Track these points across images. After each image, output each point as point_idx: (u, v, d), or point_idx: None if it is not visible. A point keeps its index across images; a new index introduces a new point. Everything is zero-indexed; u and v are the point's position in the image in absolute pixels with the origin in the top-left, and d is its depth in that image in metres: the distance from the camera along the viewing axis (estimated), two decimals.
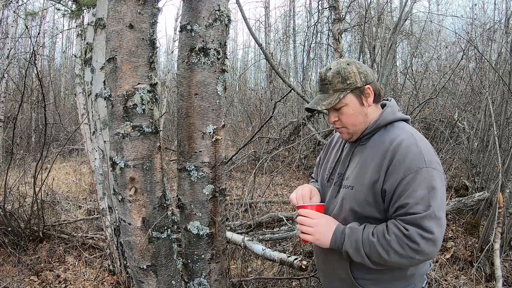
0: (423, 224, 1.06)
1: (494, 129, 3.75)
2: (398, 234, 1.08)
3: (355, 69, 1.22)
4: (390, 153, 1.14)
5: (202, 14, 1.52)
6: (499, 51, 5.01)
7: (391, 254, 1.08)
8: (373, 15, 6.40)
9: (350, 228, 1.16)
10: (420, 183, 1.09)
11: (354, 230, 1.15)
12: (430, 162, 1.12)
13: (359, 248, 1.12)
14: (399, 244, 1.07)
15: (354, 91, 1.22)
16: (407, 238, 1.06)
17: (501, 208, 2.82)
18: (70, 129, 9.57)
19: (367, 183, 1.17)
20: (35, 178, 3.74)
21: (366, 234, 1.12)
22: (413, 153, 1.12)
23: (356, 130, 1.26)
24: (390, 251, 1.08)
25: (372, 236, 1.11)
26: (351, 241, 1.14)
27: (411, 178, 1.09)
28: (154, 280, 1.54)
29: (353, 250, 1.13)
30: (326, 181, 1.37)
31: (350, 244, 1.13)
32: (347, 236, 1.14)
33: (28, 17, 6.17)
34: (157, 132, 1.48)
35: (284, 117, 8.67)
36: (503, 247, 3.06)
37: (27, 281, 3.00)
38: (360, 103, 1.23)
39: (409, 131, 1.20)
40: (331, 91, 1.23)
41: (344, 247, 1.15)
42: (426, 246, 1.06)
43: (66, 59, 15.87)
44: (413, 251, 1.07)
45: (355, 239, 1.13)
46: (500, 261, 2.73)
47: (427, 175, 1.09)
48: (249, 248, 2.67)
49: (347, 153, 1.32)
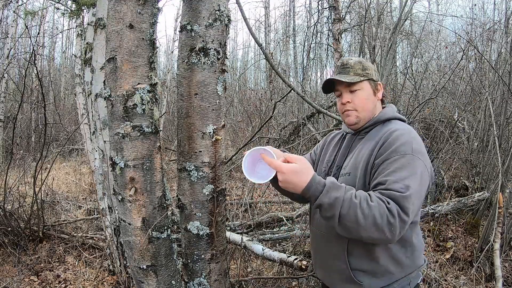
0: (403, 203, 1.06)
1: (494, 129, 3.75)
2: (380, 203, 1.06)
3: (372, 66, 1.38)
4: (383, 138, 1.23)
5: (202, 14, 1.52)
6: (499, 51, 5.01)
7: (368, 219, 1.04)
8: (373, 15, 6.40)
9: (332, 182, 1.10)
10: (403, 165, 1.14)
11: (336, 186, 1.09)
12: (417, 152, 1.17)
13: (335, 205, 1.06)
14: (379, 212, 1.04)
15: (370, 81, 1.35)
16: (388, 210, 1.05)
17: (501, 208, 2.82)
18: (70, 129, 9.55)
19: (361, 166, 1.24)
20: (35, 178, 3.73)
21: (348, 194, 1.08)
22: (403, 140, 1.19)
23: (364, 116, 1.34)
24: (369, 217, 1.04)
25: (355, 198, 1.07)
26: (329, 196, 1.07)
27: (394, 159, 1.15)
28: (154, 280, 1.54)
29: (328, 205, 1.07)
30: (324, 175, 1.40)
31: (328, 199, 1.07)
32: (326, 190, 1.08)
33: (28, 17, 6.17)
34: (157, 132, 1.48)
35: (284, 117, 8.66)
36: (503, 247, 3.06)
37: (27, 281, 3.00)
38: (374, 93, 1.36)
39: (406, 126, 1.29)
40: (352, 73, 1.33)
41: (320, 199, 1.08)
42: (399, 225, 1.05)
43: (66, 59, 15.87)
44: (389, 224, 1.05)
45: (335, 195, 1.07)
46: (500, 261, 2.73)
47: (411, 161, 1.15)
48: (249, 248, 2.67)
49: (345, 147, 1.39)
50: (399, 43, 9.16)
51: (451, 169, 5.06)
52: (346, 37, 9.96)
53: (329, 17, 8.12)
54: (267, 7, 15.73)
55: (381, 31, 5.65)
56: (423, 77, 6.39)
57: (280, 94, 8.33)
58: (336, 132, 1.53)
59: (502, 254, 3.00)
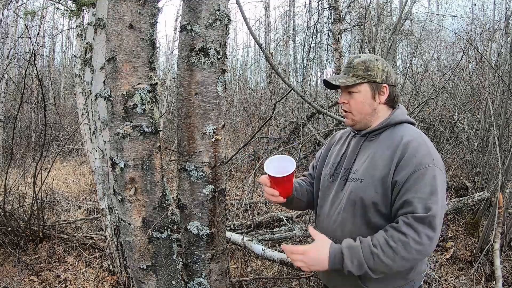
0: (430, 223, 1.10)
1: (494, 129, 3.74)
2: (403, 239, 1.11)
3: (381, 66, 1.30)
4: (401, 148, 1.20)
5: (202, 14, 1.52)
6: (499, 51, 5.00)
7: (397, 261, 1.11)
8: (373, 15, 6.39)
9: (347, 248, 1.15)
10: (427, 180, 1.14)
11: (352, 249, 1.15)
12: (437, 162, 1.19)
13: (361, 265, 1.13)
14: (404, 249, 1.10)
15: (371, 84, 1.29)
16: (413, 240, 1.10)
17: (501, 208, 2.82)
18: (70, 129, 9.55)
19: (378, 175, 1.21)
20: (35, 178, 3.73)
21: (367, 248, 1.13)
22: (423, 150, 1.18)
23: (360, 119, 1.31)
24: (396, 258, 1.11)
25: (375, 248, 1.12)
26: (351, 260, 1.14)
27: (420, 173, 1.15)
28: (154, 280, 1.54)
29: (355, 268, 1.14)
30: (329, 175, 1.38)
31: (351, 264, 1.14)
32: (346, 257, 1.14)
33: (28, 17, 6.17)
34: (157, 132, 1.48)
35: (284, 117, 8.65)
36: (503, 247, 3.06)
37: (27, 281, 3.00)
38: (372, 97, 1.30)
39: (417, 131, 1.28)
40: (351, 74, 1.30)
41: (345, 268, 1.14)
42: (428, 245, 1.11)
43: (66, 59, 15.86)
44: (418, 252, 1.11)
45: (356, 258, 1.13)
46: (500, 261, 2.73)
47: (434, 173, 1.16)
48: (249, 248, 2.67)
49: (353, 149, 1.35)
50: (399, 43, 9.16)
51: (451, 169, 5.06)
52: (346, 37, 9.96)
53: (329, 17, 8.13)
54: (267, 7, 15.72)
55: (381, 31, 5.65)
56: (423, 77, 6.38)
57: (280, 94, 8.33)
58: (343, 131, 1.49)
59: (502, 254, 3.00)
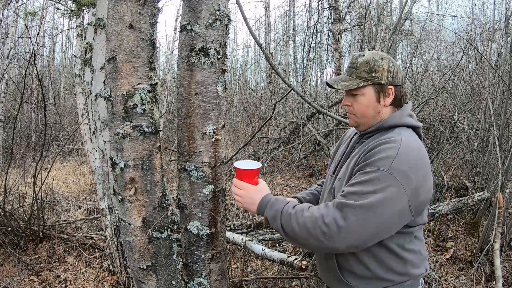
0: (345, 211, 1.08)
1: (494, 129, 3.74)
2: (315, 212, 1.12)
3: (386, 66, 1.22)
4: (371, 147, 1.17)
5: (202, 14, 1.52)
6: (499, 51, 5.00)
7: (302, 229, 1.12)
8: (373, 15, 6.39)
9: (276, 198, 1.24)
10: (369, 180, 1.08)
11: (278, 201, 1.23)
12: (397, 171, 1.06)
13: (276, 217, 1.19)
14: (311, 221, 1.11)
15: (375, 86, 1.23)
16: (322, 218, 1.09)
17: (501, 208, 2.82)
18: (70, 129, 9.55)
19: (349, 173, 1.22)
20: (35, 178, 3.73)
21: (288, 207, 1.19)
22: (385, 155, 1.10)
23: (364, 121, 1.27)
24: (302, 226, 1.12)
25: (293, 209, 1.17)
26: (272, 210, 1.21)
27: (366, 172, 1.11)
28: (154, 280, 1.54)
29: (271, 218, 1.21)
30: (332, 174, 1.40)
31: (270, 212, 1.21)
32: (270, 205, 1.22)
33: (28, 17, 6.17)
34: (157, 132, 1.48)
35: (284, 117, 8.66)
36: (503, 247, 3.06)
37: (27, 281, 3.00)
38: (377, 99, 1.24)
39: (405, 138, 1.16)
40: (354, 76, 1.24)
41: (265, 214, 1.23)
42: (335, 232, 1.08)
43: (66, 59, 15.85)
44: (322, 233, 1.09)
45: (275, 208, 1.20)
46: (500, 261, 2.73)
47: (383, 179, 1.07)
48: (249, 248, 2.67)
49: (349, 148, 1.35)
50: (399, 43, 9.16)
51: (451, 169, 5.06)
52: (346, 37, 9.96)
53: (329, 17, 8.13)
54: (267, 7, 15.72)
55: (381, 31, 5.65)
56: (423, 77, 6.38)
57: (280, 94, 8.33)
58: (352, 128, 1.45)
59: (502, 254, 3.00)
